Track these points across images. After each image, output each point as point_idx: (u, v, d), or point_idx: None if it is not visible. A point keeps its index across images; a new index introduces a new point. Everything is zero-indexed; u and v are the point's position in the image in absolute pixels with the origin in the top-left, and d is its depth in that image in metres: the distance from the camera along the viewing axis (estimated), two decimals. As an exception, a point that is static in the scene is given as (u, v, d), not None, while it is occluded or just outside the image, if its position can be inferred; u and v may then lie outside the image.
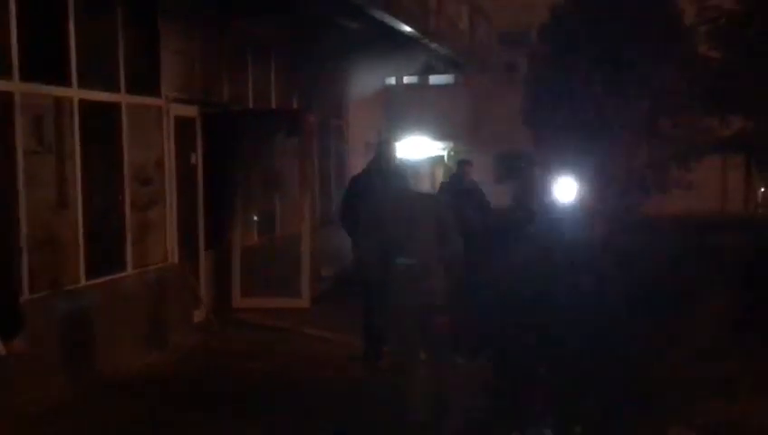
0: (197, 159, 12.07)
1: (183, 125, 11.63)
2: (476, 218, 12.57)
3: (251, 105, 13.69)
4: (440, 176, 21.50)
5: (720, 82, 16.92)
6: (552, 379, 6.94)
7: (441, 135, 21.93)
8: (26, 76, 8.52)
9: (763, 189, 20.92)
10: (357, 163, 17.26)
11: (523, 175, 13.65)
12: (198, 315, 11.78)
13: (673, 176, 16.93)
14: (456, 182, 14.02)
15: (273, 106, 14.51)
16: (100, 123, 9.86)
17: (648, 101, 16.25)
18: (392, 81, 22.09)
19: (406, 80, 23.05)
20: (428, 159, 22.21)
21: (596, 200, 15.38)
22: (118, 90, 10.14)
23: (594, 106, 15.95)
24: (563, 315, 6.96)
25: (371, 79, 17.85)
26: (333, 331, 11.25)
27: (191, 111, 11.88)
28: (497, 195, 15.06)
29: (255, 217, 13.69)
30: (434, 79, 24.51)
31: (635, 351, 6.97)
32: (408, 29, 15.46)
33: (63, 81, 9.20)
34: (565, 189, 13.99)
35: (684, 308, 7.24)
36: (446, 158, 22.97)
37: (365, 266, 7.44)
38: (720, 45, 17.98)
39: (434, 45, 17.68)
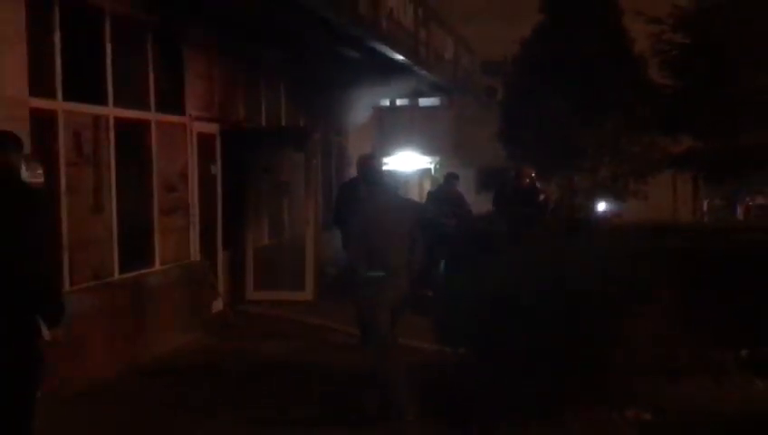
0: (217, 170, 12.08)
1: (204, 140, 11.64)
2: (454, 224, 12.66)
3: (263, 123, 13.70)
4: (427, 186, 21.59)
5: (672, 107, 16.97)
6: (519, 364, 6.92)
7: (428, 150, 21.84)
8: (68, 96, 8.54)
9: (708, 201, 20.99)
10: (354, 174, 17.27)
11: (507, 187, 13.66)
12: (216, 306, 11.78)
13: (631, 188, 16.96)
14: (444, 192, 14.12)
15: (283, 124, 14.51)
16: (133, 138, 9.90)
17: (610, 122, 16.28)
18: (386, 103, 22.09)
19: (398, 102, 23.04)
20: (417, 171, 22.31)
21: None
22: (148, 109, 10.16)
23: (562, 126, 15.96)
24: (533, 307, 6.95)
25: (368, 101, 17.85)
26: (334, 320, 11.25)
27: (212, 128, 11.88)
28: (478, 203, 15.11)
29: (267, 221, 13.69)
30: (422, 101, 24.49)
31: (595, 338, 6.96)
32: (400, 58, 15.48)
33: (101, 100, 9.22)
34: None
35: (638, 302, 7.23)
36: (432, 170, 22.95)
37: (352, 269, 7.56)
38: (671, 74, 18.04)
39: (423, 72, 17.71)
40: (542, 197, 13.04)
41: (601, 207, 16.82)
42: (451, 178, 14.20)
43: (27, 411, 4.94)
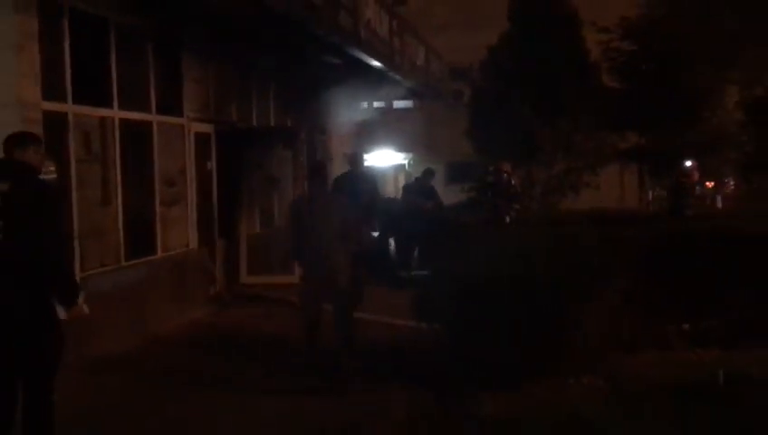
0: (212, 166, 12.00)
1: (201, 139, 11.58)
2: (431, 211, 12.73)
3: (255, 124, 13.64)
4: (402, 180, 21.58)
5: (620, 107, 17.06)
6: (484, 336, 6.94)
7: (403, 148, 21.90)
8: (77, 100, 8.49)
9: (652, 191, 21.10)
10: (337, 169, 17.24)
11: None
12: (213, 289, 11.75)
13: (584, 179, 17.02)
14: (419, 184, 14.15)
15: (273, 124, 14.45)
16: (136, 138, 9.83)
17: (565, 121, 16.33)
18: (365, 105, 22.06)
19: (375, 104, 23.02)
20: (393, 166, 22.34)
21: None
22: (150, 111, 10.10)
23: (522, 125, 15.99)
24: (501, 288, 6.97)
25: (348, 103, 17.84)
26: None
27: (207, 128, 11.82)
28: (446, 194, 15.13)
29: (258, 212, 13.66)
30: (397, 104, 24.53)
31: (556, 316, 6.98)
32: (377, 64, 15.47)
33: (107, 103, 9.17)
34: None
35: (593, 285, 7.25)
36: (406, 166, 23.00)
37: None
38: (619, 78, 18.15)
39: (397, 77, 17.70)
40: (515, 187, 13.24)
41: None
42: (429, 173, 14.25)
43: (49, 384, 4.92)
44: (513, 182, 13.68)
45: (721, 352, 7.72)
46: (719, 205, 21.30)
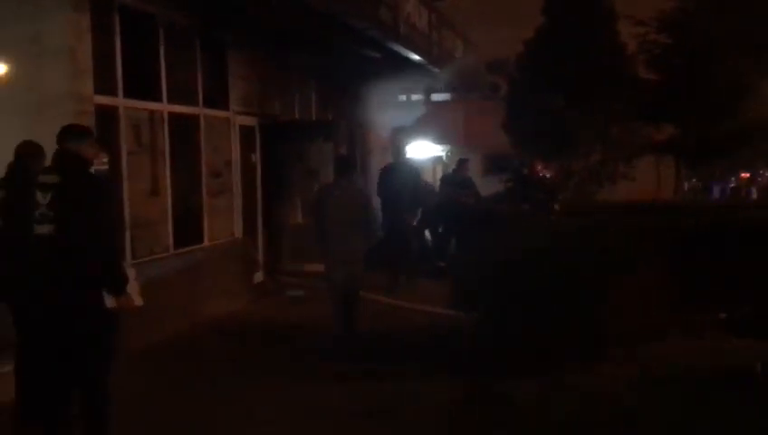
0: (256, 158, 12.12)
1: (245, 133, 11.68)
2: (468, 202, 12.76)
3: (296, 117, 13.72)
4: (440, 171, 21.55)
5: (655, 99, 16.89)
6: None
7: (440, 140, 21.81)
8: (128, 93, 8.61)
9: (688, 182, 20.87)
10: (376, 162, 17.32)
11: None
12: (258, 277, 11.87)
13: (620, 170, 16.89)
14: (456, 175, 14.14)
15: (314, 118, 14.53)
16: (184, 130, 9.96)
17: (601, 113, 16.20)
18: (403, 98, 22.06)
19: (414, 97, 23.00)
20: (431, 158, 22.28)
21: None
22: (197, 104, 10.22)
23: (559, 118, 15.90)
24: (537, 276, 6.98)
25: (388, 96, 17.86)
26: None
27: (252, 121, 11.92)
28: (483, 185, 15.09)
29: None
30: (435, 96, 24.47)
31: (591, 305, 6.98)
32: (416, 58, 15.46)
33: (156, 97, 9.28)
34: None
35: (627, 273, 7.24)
36: (444, 157, 22.93)
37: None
38: (655, 70, 17.95)
39: (436, 71, 17.68)
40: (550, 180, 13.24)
41: None
42: (462, 162, 14.22)
43: (105, 369, 5.02)
44: (548, 176, 13.70)
45: (754, 341, 7.67)
46: (754, 196, 21.00)
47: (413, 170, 12.77)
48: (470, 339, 7.90)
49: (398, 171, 12.43)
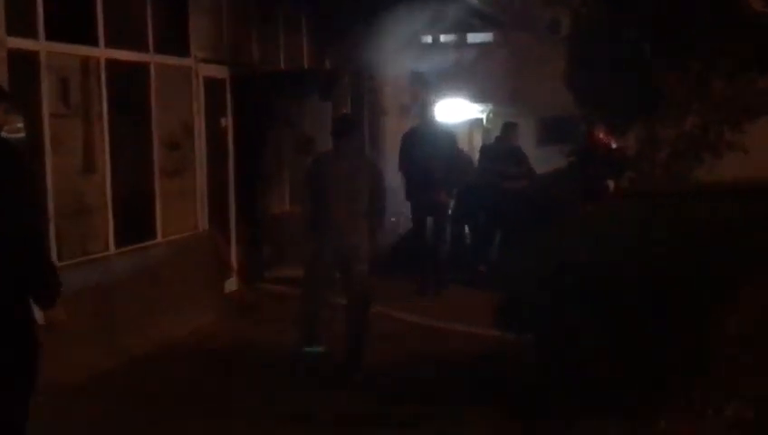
0: (227, 122, 12.11)
1: (212, 87, 11.66)
2: (522, 187, 12.72)
3: (282, 66, 13.68)
4: (478, 140, 21.52)
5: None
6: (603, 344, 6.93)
7: (479, 97, 21.77)
8: (52, 35, 8.54)
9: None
10: (392, 126, 17.28)
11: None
12: (229, 286, 11.84)
13: (725, 139, 16.76)
14: (500, 146, 14.07)
15: (305, 67, 14.48)
16: (128, 84, 9.93)
17: (699, 61, 16.08)
18: (428, 39, 21.98)
19: (442, 38, 22.93)
20: (466, 122, 22.24)
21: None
22: (146, 49, 10.17)
23: (641, 67, 15.81)
24: (614, 286, 6.92)
25: (406, 37, 17.77)
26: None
27: (221, 71, 11.89)
28: (537, 160, 15.04)
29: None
30: (471, 37, 24.39)
31: (690, 325, 6.92)
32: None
33: (90, 40, 9.22)
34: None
35: (738, 282, 7.16)
36: (484, 121, 22.89)
37: None
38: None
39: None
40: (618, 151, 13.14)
41: None
42: (509, 128, 14.14)
43: (22, 411, 4.96)
44: (613, 146, 13.65)
45: None
46: None
47: (448, 136, 12.73)
48: (522, 370, 7.89)
49: (427, 137, 12.42)
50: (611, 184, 12.92)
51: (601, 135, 13.52)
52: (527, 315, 7.48)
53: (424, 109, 12.79)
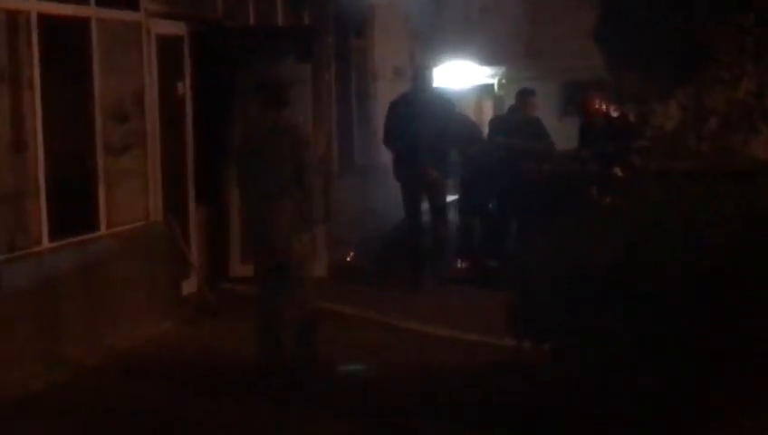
0: (185, 89, 12.10)
1: (167, 46, 11.66)
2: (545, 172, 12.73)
3: (252, 21, 13.66)
4: (489, 110, 21.51)
5: None
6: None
7: (490, 58, 21.76)
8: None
9: None
10: (384, 93, 17.24)
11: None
12: (188, 286, 11.81)
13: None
14: (514, 117, 14.03)
15: (280, 23, 14.46)
16: (65, 44, 9.89)
17: (752, 16, 16.13)
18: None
19: (445, -13, 22.92)
20: (474, 88, 22.23)
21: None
22: (86, 1, 10.12)
23: (685, 22, 15.84)
24: (651, 284, 6.92)
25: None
26: (356, 306, 11.46)
27: (178, 28, 11.90)
28: (561, 134, 15.03)
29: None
30: (480, -15, 24.37)
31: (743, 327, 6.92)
32: None
33: (18, -11, 9.21)
34: None
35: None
36: (496, 87, 22.88)
37: None
38: None
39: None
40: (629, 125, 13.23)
41: None
42: (526, 95, 14.09)
43: None
44: (613, 114, 13.59)
45: None
46: None
47: (444, 104, 12.79)
48: (540, 385, 7.90)
49: (420, 106, 12.53)
50: (618, 171, 12.88)
51: (597, 104, 13.48)
52: (544, 321, 7.49)
53: (418, 71, 12.77)
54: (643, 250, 7.10)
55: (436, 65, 17.21)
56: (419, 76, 12.88)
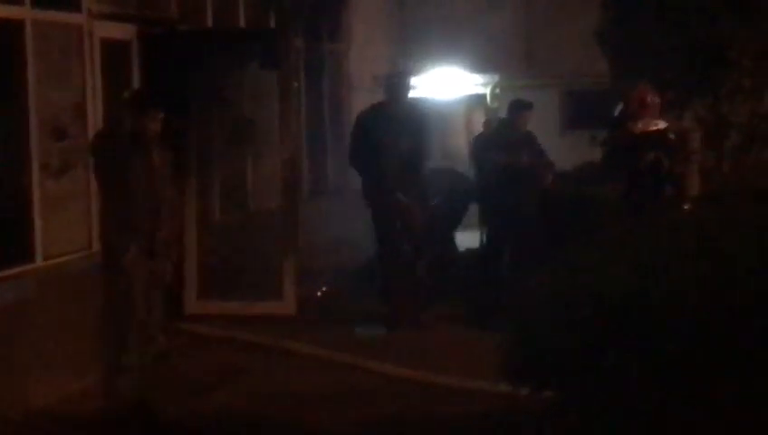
0: (135, 100, 12.01)
1: (113, 52, 11.68)
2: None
3: (210, 24, 13.63)
4: (479, 123, 21.49)
5: None
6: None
7: (481, 65, 21.79)
8: None
9: None
10: (362, 105, 17.23)
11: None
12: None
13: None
14: (505, 135, 13.99)
15: (242, 25, 14.43)
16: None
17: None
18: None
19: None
20: (463, 99, 22.22)
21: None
22: (20, 2, 10.14)
23: (702, 26, 15.90)
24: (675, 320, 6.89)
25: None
26: (332, 347, 11.40)
27: (125, 31, 11.93)
28: (561, 150, 15.01)
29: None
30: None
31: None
32: None
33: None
34: None
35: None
36: (488, 98, 22.89)
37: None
38: None
39: None
40: (671, 136, 12.92)
41: None
42: (518, 108, 14.02)
43: None
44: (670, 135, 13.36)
45: None
46: None
47: (420, 117, 12.78)
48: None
49: (391, 120, 12.50)
50: (669, 189, 12.68)
51: (649, 97, 13.04)
52: (550, 365, 7.43)
53: (392, 79, 12.69)
54: (669, 286, 7.06)
55: (416, 73, 17.22)
56: (393, 84, 12.77)
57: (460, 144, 20.31)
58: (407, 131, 12.30)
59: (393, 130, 12.26)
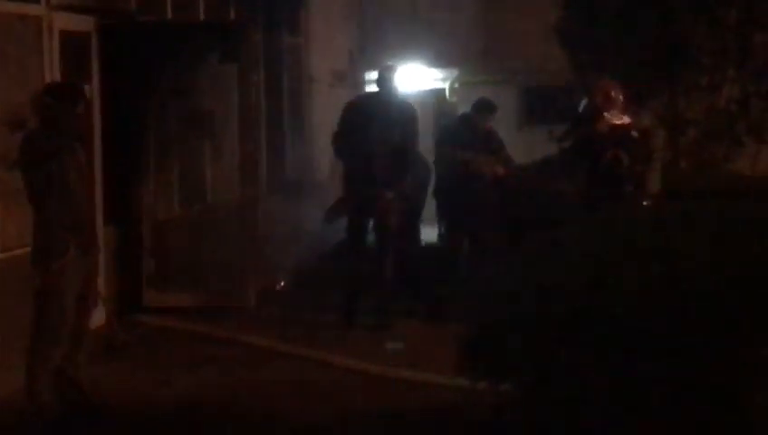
0: (93, 92, 11.96)
1: (72, 44, 11.61)
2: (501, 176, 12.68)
3: (169, 15, 13.61)
4: (438, 117, 21.48)
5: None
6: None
7: (441, 60, 21.81)
8: None
9: None
10: (321, 98, 17.21)
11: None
12: (96, 318, 11.63)
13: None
14: (467, 127, 13.99)
15: (201, 17, 14.41)
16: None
17: (735, 13, 16.23)
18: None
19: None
20: (423, 93, 22.22)
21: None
22: (-25, -8, 10.10)
23: (659, 20, 15.92)
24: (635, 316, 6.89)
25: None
26: (288, 341, 11.44)
27: (84, 23, 11.85)
28: (518, 146, 15.02)
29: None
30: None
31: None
32: None
33: None
34: None
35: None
36: (447, 92, 22.91)
37: None
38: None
39: None
40: (634, 134, 12.96)
41: None
42: (484, 108, 14.00)
43: None
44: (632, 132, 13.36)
45: None
46: None
47: (405, 110, 12.72)
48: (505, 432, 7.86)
49: (382, 112, 12.51)
50: (629, 186, 12.69)
51: (612, 92, 13.00)
52: (504, 357, 7.42)
53: (386, 72, 12.69)
54: (619, 275, 7.07)
55: (374, 68, 17.22)
56: (385, 77, 12.75)
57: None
58: (396, 124, 12.31)
59: (382, 120, 12.27)
